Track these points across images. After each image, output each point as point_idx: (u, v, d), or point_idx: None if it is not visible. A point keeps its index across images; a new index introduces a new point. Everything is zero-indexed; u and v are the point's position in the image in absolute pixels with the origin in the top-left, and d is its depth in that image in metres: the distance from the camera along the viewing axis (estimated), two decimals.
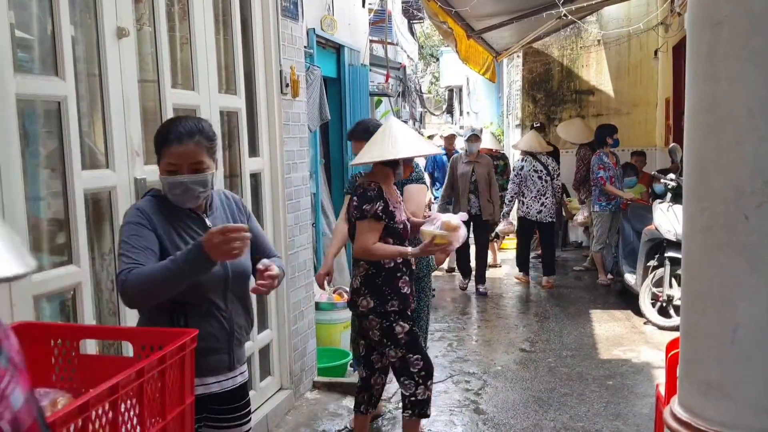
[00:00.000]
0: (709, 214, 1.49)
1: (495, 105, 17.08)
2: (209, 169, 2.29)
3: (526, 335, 6.14)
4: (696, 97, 1.52)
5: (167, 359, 1.82)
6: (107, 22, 2.86)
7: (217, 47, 3.76)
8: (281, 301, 4.45)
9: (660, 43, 10.25)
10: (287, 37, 4.47)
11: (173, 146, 2.24)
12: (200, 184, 2.27)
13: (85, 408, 1.50)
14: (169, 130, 2.27)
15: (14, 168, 2.38)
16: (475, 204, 7.60)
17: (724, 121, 1.45)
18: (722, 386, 1.49)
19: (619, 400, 4.62)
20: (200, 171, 2.26)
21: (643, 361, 5.39)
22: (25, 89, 2.46)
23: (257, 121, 4.25)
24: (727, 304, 1.47)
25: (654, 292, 6.23)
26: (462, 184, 7.62)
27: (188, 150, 2.24)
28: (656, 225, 6.20)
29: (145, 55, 3.23)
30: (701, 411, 1.53)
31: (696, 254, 1.55)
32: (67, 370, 2.04)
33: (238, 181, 4.03)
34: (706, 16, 1.46)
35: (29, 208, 2.51)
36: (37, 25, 2.67)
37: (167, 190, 2.28)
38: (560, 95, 11.45)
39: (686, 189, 1.59)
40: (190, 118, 2.41)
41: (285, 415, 4.38)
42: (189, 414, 1.98)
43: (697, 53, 1.51)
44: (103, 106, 2.88)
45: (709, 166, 1.49)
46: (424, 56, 27.74)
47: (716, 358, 1.50)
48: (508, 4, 7.53)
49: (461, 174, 7.64)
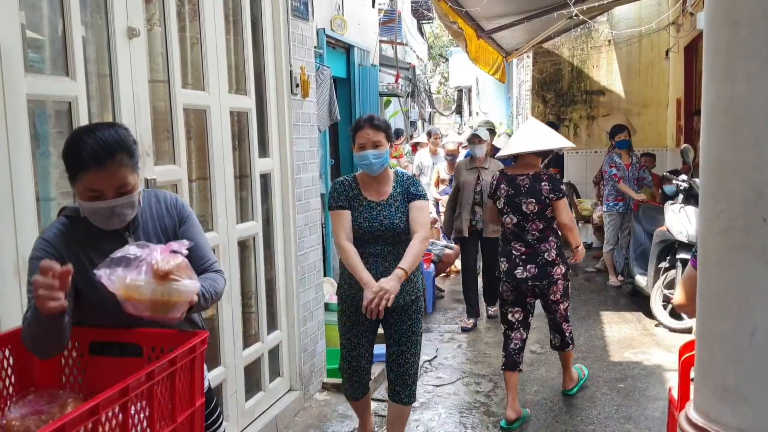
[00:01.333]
0: (726, 216, 1.46)
1: (504, 105, 17.04)
2: (135, 189, 2.01)
3: (537, 337, 6.10)
4: (713, 97, 1.50)
5: (177, 361, 1.81)
6: (118, 23, 2.86)
7: (227, 47, 3.76)
8: (291, 302, 4.44)
9: (671, 44, 10.20)
10: (297, 37, 4.47)
11: (91, 171, 1.91)
12: (127, 206, 2.01)
13: (96, 411, 1.49)
14: (82, 149, 1.90)
15: (25, 168, 2.38)
16: (481, 218, 6.30)
17: (742, 121, 1.42)
18: (739, 391, 1.46)
19: (630, 403, 4.58)
20: (126, 193, 1.99)
21: (655, 364, 5.35)
22: (35, 89, 2.46)
23: (267, 121, 4.24)
24: (744, 307, 1.45)
25: (665, 294, 6.19)
26: (465, 194, 6.35)
27: (110, 174, 1.93)
28: (668, 226, 6.15)
29: (155, 56, 3.23)
30: (718, 416, 1.50)
31: (713, 257, 1.52)
32: (76, 371, 2.03)
33: (248, 182, 4.03)
34: (724, 14, 1.44)
35: (40, 208, 2.51)
36: (47, 26, 2.67)
37: (88, 215, 2.00)
38: (570, 96, 11.40)
39: (703, 190, 1.56)
40: (104, 128, 1.99)
41: (294, 417, 4.37)
42: (198, 416, 1.97)
43: (714, 52, 1.48)
44: (114, 106, 2.88)
45: (726, 167, 1.46)
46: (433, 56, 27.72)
47: (733, 363, 1.47)
48: (519, 4, 7.50)
49: (463, 182, 6.39)
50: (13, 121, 2.33)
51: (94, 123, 2.51)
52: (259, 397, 4.11)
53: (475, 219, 6.30)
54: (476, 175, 6.33)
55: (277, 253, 4.36)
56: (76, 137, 1.96)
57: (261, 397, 4.13)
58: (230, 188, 3.75)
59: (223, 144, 3.67)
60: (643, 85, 11.04)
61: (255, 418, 4.04)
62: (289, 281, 4.43)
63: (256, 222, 4.08)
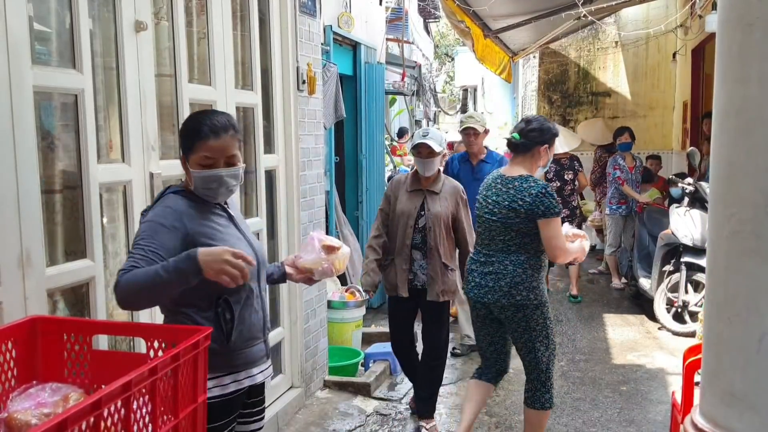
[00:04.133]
0: (736, 220, 1.45)
1: (510, 106, 17.01)
2: (240, 163, 2.31)
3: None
4: (725, 100, 1.49)
5: (181, 357, 1.80)
6: (125, 16, 2.85)
7: (234, 43, 3.75)
8: (293, 299, 4.43)
9: (678, 46, 10.16)
10: (304, 34, 4.46)
11: (210, 140, 2.22)
12: (234, 177, 2.28)
13: (98, 405, 1.48)
14: (202, 123, 2.24)
15: (30, 160, 2.37)
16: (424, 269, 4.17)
17: (754, 125, 1.41)
18: (747, 397, 1.45)
19: (632, 406, 4.57)
20: (233, 165, 2.28)
21: (658, 367, 5.33)
22: (42, 81, 2.45)
23: (273, 117, 4.23)
24: (753, 312, 1.44)
25: (669, 297, 6.17)
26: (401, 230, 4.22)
27: (225, 143, 2.24)
28: (672, 229, 6.13)
29: (162, 50, 3.22)
30: (724, 422, 1.49)
31: (722, 261, 1.51)
32: (79, 365, 2.03)
33: (253, 178, 4.02)
34: (737, 16, 1.42)
35: (44, 200, 2.51)
36: (55, 18, 2.66)
37: (201, 185, 2.25)
38: (576, 97, 11.38)
39: (713, 194, 1.55)
40: (218, 111, 2.40)
41: (295, 414, 4.36)
42: (201, 412, 1.96)
43: (727, 54, 1.47)
44: (120, 100, 2.88)
45: (737, 171, 1.45)
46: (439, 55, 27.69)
47: (741, 368, 1.46)
48: (527, 4, 7.48)
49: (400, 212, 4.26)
50: (19, 112, 2.32)
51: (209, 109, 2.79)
52: None
53: (414, 270, 4.12)
54: (421, 201, 4.11)
55: (281, 249, 4.35)
56: (198, 115, 2.34)
57: None
58: None
59: None
60: (649, 88, 11.01)
61: None
62: None
63: (261, 218, 4.07)
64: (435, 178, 4.13)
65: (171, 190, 2.31)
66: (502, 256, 3.45)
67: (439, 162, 4.15)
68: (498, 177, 3.56)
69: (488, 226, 3.51)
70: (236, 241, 2.28)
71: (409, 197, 4.11)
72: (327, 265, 2.63)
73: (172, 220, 2.16)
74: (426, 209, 4.06)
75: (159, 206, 2.22)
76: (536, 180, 3.45)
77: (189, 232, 2.17)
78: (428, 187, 4.11)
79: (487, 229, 3.53)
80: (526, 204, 3.35)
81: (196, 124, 2.26)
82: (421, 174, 4.11)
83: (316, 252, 2.61)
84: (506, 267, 3.43)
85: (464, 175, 5.40)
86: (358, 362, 5.02)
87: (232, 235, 2.31)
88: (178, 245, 2.12)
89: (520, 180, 3.43)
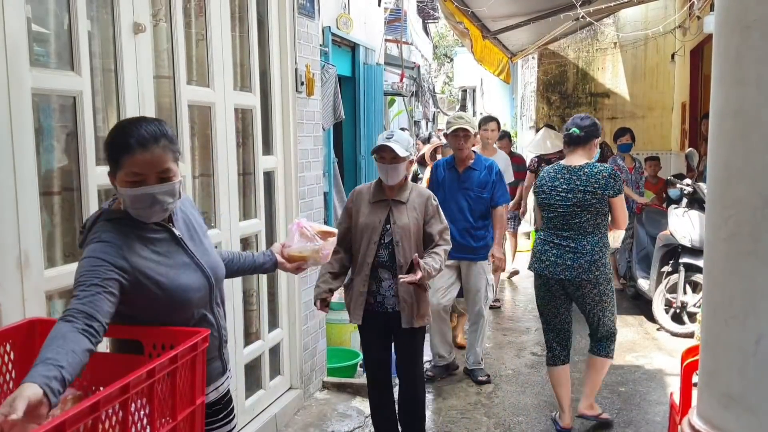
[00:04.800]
0: (733, 222, 1.45)
1: (509, 106, 17.02)
2: (176, 177, 2.05)
3: (538, 339, 6.09)
4: (722, 102, 1.49)
5: (179, 359, 1.80)
6: (123, 18, 2.85)
7: (232, 44, 3.75)
8: (292, 301, 4.43)
9: (677, 47, 10.18)
10: (303, 35, 4.46)
11: (137, 153, 1.96)
12: (169, 194, 2.03)
13: (96, 408, 1.48)
14: (128, 135, 1.98)
15: (29, 162, 2.37)
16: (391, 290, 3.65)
17: (751, 127, 1.41)
18: (744, 399, 1.45)
19: (631, 407, 4.57)
20: (167, 180, 2.02)
21: (656, 368, 5.34)
22: (40, 83, 2.45)
23: (272, 118, 4.23)
24: (750, 314, 1.44)
25: (668, 298, 6.17)
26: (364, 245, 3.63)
27: (155, 157, 1.98)
28: (671, 230, 6.14)
29: (160, 51, 3.22)
30: (721, 424, 1.49)
31: (719, 263, 1.51)
32: None
33: (251, 179, 4.02)
34: (735, 18, 1.42)
35: (43, 202, 2.51)
36: (53, 20, 2.66)
37: (131, 205, 2.01)
38: (575, 98, 11.39)
39: (710, 196, 1.55)
40: (149, 119, 2.12)
41: (294, 415, 4.36)
42: (199, 415, 1.96)
43: (724, 56, 1.47)
44: (119, 101, 2.88)
45: (734, 173, 1.45)
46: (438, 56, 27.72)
47: (738, 370, 1.46)
48: (525, 5, 7.49)
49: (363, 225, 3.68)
50: (18, 114, 2.32)
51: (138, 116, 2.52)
52: (259, 395, 4.10)
53: (382, 293, 3.60)
54: (386, 213, 3.61)
55: (278, 243, 4.34)
56: (123, 125, 2.08)
57: (261, 395, 4.12)
58: (234, 185, 3.75)
59: (227, 141, 3.67)
60: (648, 88, 11.02)
61: (255, 416, 4.03)
62: (291, 279, 4.42)
63: (259, 219, 4.07)
64: (401, 186, 3.63)
65: (104, 217, 2.07)
66: (579, 237, 3.93)
67: (405, 168, 3.61)
68: (563, 168, 4.03)
69: (562, 211, 3.96)
70: (179, 270, 2.09)
71: (372, 209, 3.61)
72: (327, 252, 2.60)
73: (111, 255, 1.94)
74: (392, 222, 3.56)
75: (94, 242, 1.98)
76: (602, 165, 4.01)
77: (131, 264, 1.97)
78: (394, 197, 3.60)
79: (561, 214, 3.97)
80: (600, 186, 3.88)
81: (121, 136, 2.00)
82: (384, 182, 3.62)
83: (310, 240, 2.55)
84: (584, 247, 3.91)
85: (449, 183, 4.89)
86: (356, 363, 5.02)
87: (176, 263, 2.10)
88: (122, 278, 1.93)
89: (589, 167, 3.95)
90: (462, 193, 4.89)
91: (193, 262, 2.15)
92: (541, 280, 4.10)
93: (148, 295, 2.00)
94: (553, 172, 4.06)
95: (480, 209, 4.89)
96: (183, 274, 2.09)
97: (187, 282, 2.09)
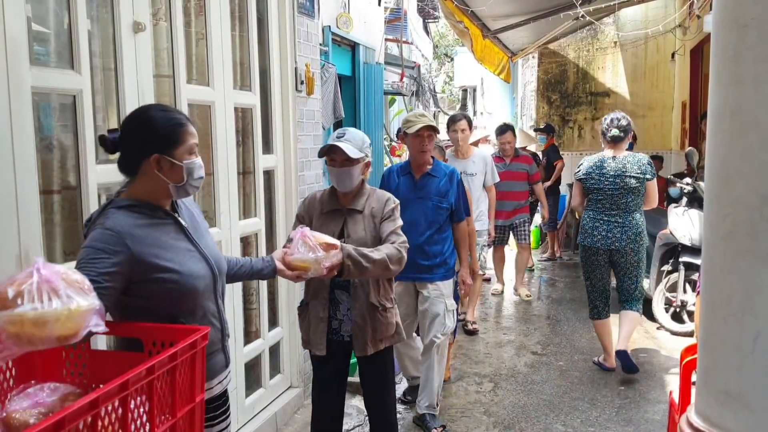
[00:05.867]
0: (731, 221, 1.45)
1: (509, 106, 17.03)
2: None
3: (538, 338, 6.10)
4: (720, 101, 1.49)
5: (178, 356, 1.80)
6: (123, 17, 2.86)
7: (232, 43, 3.76)
8: (292, 299, 4.44)
9: (677, 46, 10.18)
10: (303, 34, 4.46)
11: (190, 126, 2.11)
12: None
13: (96, 404, 1.49)
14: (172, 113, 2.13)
15: (29, 161, 2.38)
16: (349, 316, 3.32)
17: (749, 126, 1.41)
18: (742, 397, 1.45)
19: (630, 406, 4.58)
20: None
21: (656, 367, 5.34)
22: (40, 82, 2.46)
23: (271, 117, 4.24)
24: (748, 312, 1.44)
25: (668, 297, 6.17)
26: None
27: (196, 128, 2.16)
28: (671, 229, 6.14)
29: (160, 50, 3.22)
30: (719, 421, 1.49)
31: (717, 261, 1.51)
32: (77, 365, 2.03)
33: (251, 178, 4.02)
34: (732, 18, 1.43)
35: (43, 201, 2.51)
36: (53, 19, 2.66)
37: (195, 176, 2.12)
38: (575, 97, 11.39)
39: (708, 195, 1.55)
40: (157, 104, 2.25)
41: (294, 414, 4.37)
42: (199, 412, 1.97)
43: (722, 56, 1.47)
44: (118, 100, 2.88)
45: (732, 172, 1.46)
46: (438, 55, 27.70)
47: (736, 368, 1.47)
48: (525, 5, 7.49)
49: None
50: (18, 113, 2.33)
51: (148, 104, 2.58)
52: (259, 394, 4.11)
53: (339, 317, 3.19)
54: (340, 224, 3.11)
55: (280, 249, 4.34)
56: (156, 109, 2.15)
57: (261, 394, 4.13)
58: (233, 184, 3.75)
59: (227, 140, 3.67)
60: (648, 88, 11.03)
61: (255, 414, 4.04)
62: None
63: (259, 218, 4.08)
64: (357, 192, 3.12)
65: (114, 205, 2.07)
66: (626, 215, 4.93)
67: (361, 171, 3.11)
68: (608, 158, 4.97)
69: (610, 193, 4.94)
70: (185, 256, 2.13)
71: (324, 221, 3.10)
72: (328, 264, 2.59)
73: (112, 245, 1.95)
74: (346, 235, 3.05)
75: (99, 228, 1.99)
76: (640, 154, 5.06)
77: (134, 254, 1.98)
78: (349, 206, 3.11)
79: (609, 196, 4.95)
80: (642, 171, 4.88)
81: (166, 118, 2.09)
82: (336, 188, 3.15)
83: (312, 250, 2.54)
84: (631, 222, 4.93)
85: (404, 192, 4.11)
86: (356, 362, 5.01)
87: (182, 249, 2.13)
88: (124, 269, 1.96)
89: (631, 156, 4.96)
90: (418, 202, 4.14)
91: (198, 252, 2.19)
92: (590, 251, 5.06)
93: (157, 280, 2.04)
94: (599, 161, 4.98)
95: (438, 221, 4.15)
96: (190, 261, 2.13)
97: (195, 269, 2.13)
